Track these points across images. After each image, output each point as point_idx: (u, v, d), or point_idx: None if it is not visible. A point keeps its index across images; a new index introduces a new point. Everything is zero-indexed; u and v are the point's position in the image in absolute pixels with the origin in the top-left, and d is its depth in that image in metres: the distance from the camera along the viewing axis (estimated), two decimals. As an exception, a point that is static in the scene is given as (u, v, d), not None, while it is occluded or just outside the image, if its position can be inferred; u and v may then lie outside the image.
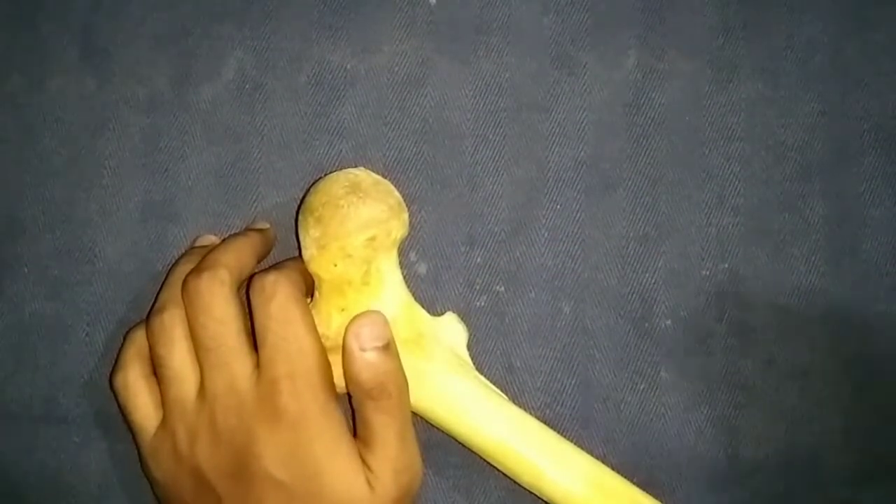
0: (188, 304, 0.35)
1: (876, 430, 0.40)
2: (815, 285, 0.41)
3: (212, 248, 0.38)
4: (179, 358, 0.35)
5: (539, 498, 0.37)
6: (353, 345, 0.35)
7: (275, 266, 0.37)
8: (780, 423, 0.40)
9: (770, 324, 0.41)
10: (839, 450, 0.40)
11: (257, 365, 0.35)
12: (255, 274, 0.36)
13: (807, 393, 0.40)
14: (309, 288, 0.37)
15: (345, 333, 0.35)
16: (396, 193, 0.38)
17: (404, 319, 0.37)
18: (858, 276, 0.41)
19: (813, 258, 0.41)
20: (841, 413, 0.40)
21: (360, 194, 0.37)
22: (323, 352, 0.35)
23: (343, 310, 0.36)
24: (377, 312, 0.36)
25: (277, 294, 0.35)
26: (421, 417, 0.37)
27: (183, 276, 0.36)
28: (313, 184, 0.38)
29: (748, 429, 0.40)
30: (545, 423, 0.37)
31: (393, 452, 0.35)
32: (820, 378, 0.40)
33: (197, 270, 0.36)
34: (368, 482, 0.34)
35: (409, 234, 0.38)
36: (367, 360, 0.35)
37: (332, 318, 0.36)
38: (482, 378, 0.38)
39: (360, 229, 0.36)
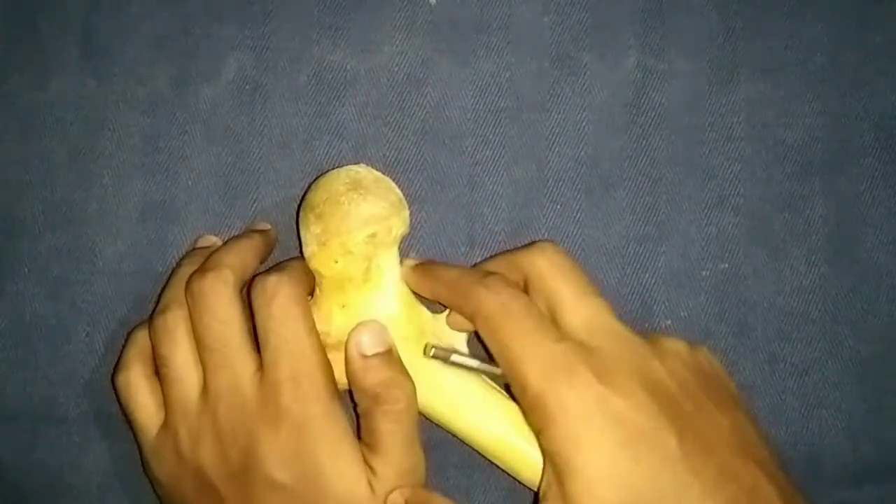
0: (192, 304, 0.36)
1: (876, 429, 0.40)
2: (815, 285, 0.41)
3: (215, 250, 0.38)
4: (182, 358, 0.35)
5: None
6: (355, 351, 0.35)
7: (276, 266, 0.37)
8: (780, 423, 0.40)
9: (770, 324, 0.41)
10: (839, 450, 0.40)
11: (260, 366, 0.35)
12: (256, 275, 0.36)
13: (807, 393, 0.40)
14: (310, 287, 0.37)
15: (346, 342, 0.35)
16: (397, 190, 0.38)
17: (405, 316, 0.37)
18: (858, 276, 0.41)
19: (813, 258, 0.41)
20: (841, 413, 0.40)
21: (362, 191, 0.37)
22: (324, 353, 0.35)
23: (344, 306, 0.36)
24: (377, 321, 0.36)
25: (279, 295, 0.35)
26: (421, 414, 0.37)
27: (186, 277, 0.36)
28: (314, 180, 0.38)
29: (748, 429, 0.40)
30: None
31: (398, 458, 0.35)
32: (820, 378, 0.40)
33: (201, 271, 0.36)
34: (370, 484, 0.34)
35: (409, 233, 0.38)
36: (371, 366, 0.35)
37: (332, 315, 0.36)
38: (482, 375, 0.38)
39: (361, 226, 0.36)
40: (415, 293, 0.38)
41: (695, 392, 0.33)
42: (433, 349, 0.36)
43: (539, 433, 0.32)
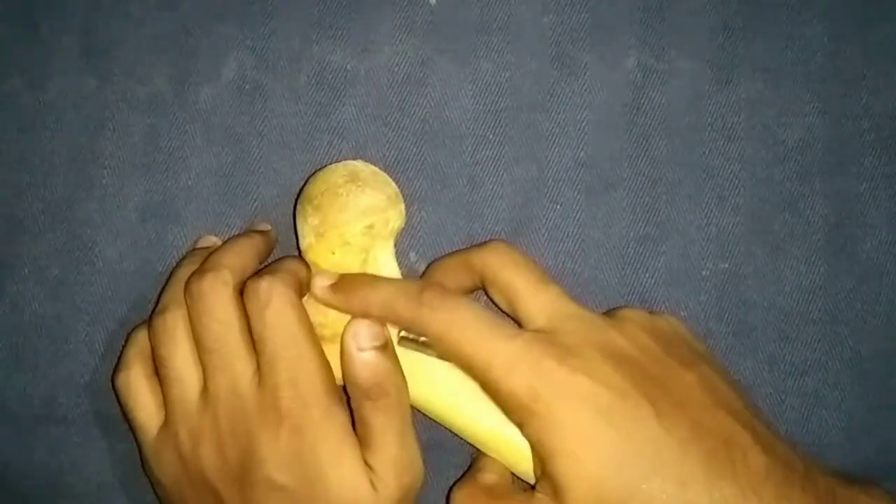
0: (191, 305, 0.35)
1: (876, 429, 0.40)
2: (815, 285, 0.41)
3: (214, 250, 0.38)
4: (182, 359, 0.35)
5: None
6: (352, 345, 0.35)
7: (268, 268, 0.37)
8: (780, 423, 0.40)
9: (770, 324, 0.41)
10: (839, 450, 0.40)
11: (259, 367, 0.35)
12: (248, 279, 0.36)
13: (807, 393, 0.40)
14: (304, 285, 0.37)
15: (343, 334, 0.35)
16: (394, 184, 0.38)
17: None
18: (858, 276, 0.41)
19: (813, 258, 0.41)
20: (841, 413, 0.40)
21: (360, 183, 0.37)
22: (322, 355, 0.35)
23: None
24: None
25: (273, 300, 0.35)
26: (418, 410, 0.37)
27: (185, 278, 0.36)
28: (312, 174, 0.38)
29: (748, 429, 0.40)
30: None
31: (394, 453, 0.35)
32: (820, 378, 0.40)
33: (200, 272, 0.36)
34: (372, 483, 0.34)
35: (407, 230, 0.38)
36: (366, 359, 0.35)
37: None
38: None
39: (358, 217, 0.36)
40: None
41: (657, 354, 0.34)
42: (401, 337, 0.36)
43: (521, 428, 0.33)
